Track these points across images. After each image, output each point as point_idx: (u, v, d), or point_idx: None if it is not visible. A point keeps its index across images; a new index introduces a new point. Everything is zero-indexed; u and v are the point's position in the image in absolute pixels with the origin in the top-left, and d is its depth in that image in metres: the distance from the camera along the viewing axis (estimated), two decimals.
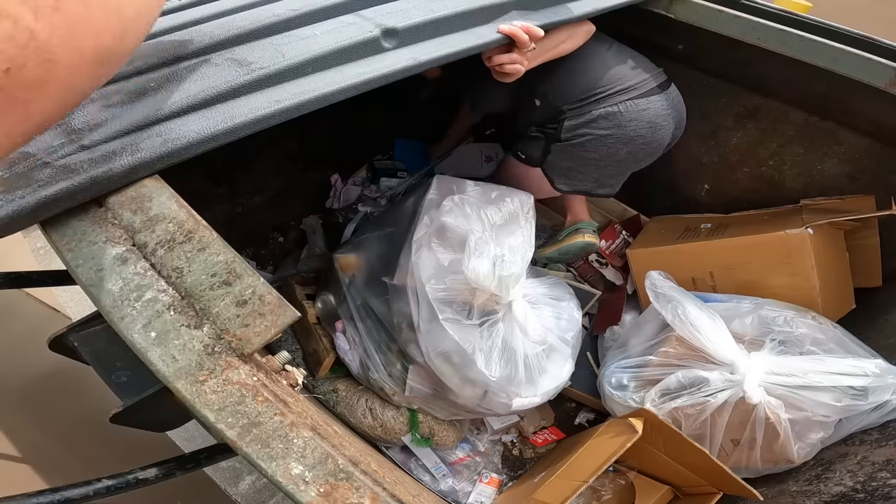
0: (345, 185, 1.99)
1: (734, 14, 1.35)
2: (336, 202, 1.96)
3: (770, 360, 1.10)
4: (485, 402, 1.20)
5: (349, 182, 2.01)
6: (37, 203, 0.63)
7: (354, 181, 2.02)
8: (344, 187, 1.98)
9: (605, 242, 1.68)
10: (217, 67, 0.82)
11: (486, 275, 1.08)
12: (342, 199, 1.96)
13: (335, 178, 1.99)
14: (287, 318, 0.59)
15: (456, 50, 0.98)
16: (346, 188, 1.98)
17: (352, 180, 2.02)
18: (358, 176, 2.06)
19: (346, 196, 1.96)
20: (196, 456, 0.76)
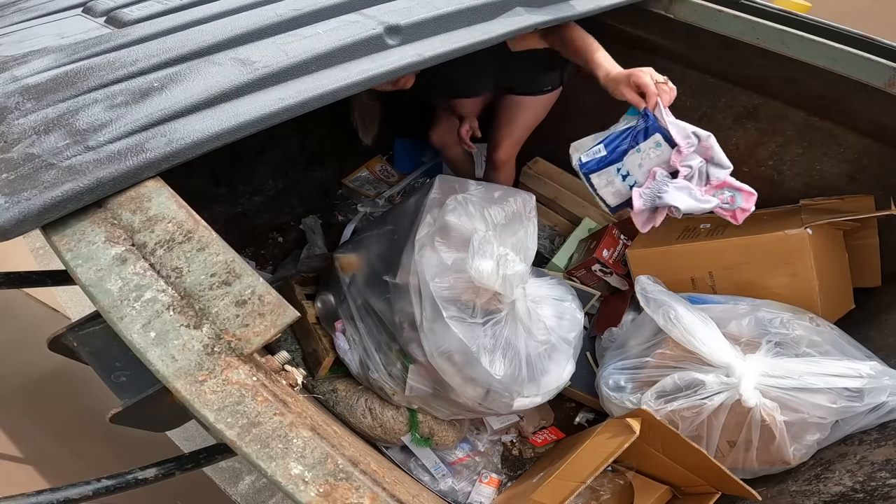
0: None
1: (734, 14, 1.35)
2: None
3: (766, 362, 1.10)
4: (486, 402, 1.20)
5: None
6: (42, 205, 0.63)
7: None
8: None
9: (608, 251, 1.67)
10: (220, 67, 0.83)
11: (490, 274, 1.08)
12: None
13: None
14: (286, 318, 0.59)
15: (460, 45, 0.98)
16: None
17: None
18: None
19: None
20: (195, 456, 0.76)
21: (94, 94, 0.77)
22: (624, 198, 1.13)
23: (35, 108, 0.75)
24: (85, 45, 0.87)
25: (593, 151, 1.12)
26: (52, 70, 0.81)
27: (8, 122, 0.73)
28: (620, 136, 1.10)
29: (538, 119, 1.68)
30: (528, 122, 1.67)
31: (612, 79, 1.11)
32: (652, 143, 1.07)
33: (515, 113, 1.65)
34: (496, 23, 1.07)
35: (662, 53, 1.54)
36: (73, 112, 0.75)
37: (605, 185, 1.13)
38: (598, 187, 1.14)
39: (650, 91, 1.04)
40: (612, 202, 1.14)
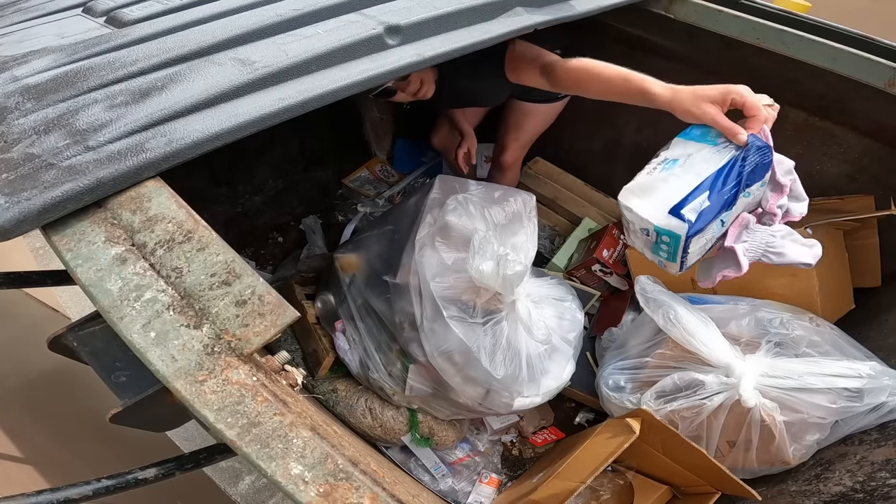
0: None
1: (733, 14, 1.35)
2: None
3: (765, 362, 1.10)
4: (486, 402, 1.20)
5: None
6: (43, 205, 0.63)
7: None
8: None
9: (608, 251, 1.67)
10: (220, 67, 0.83)
11: (491, 274, 1.08)
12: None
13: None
14: (286, 318, 0.59)
15: (461, 45, 0.98)
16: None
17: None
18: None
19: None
20: (195, 456, 0.76)
21: (94, 94, 0.77)
22: (701, 255, 0.87)
23: (35, 108, 0.75)
24: (85, 45, 0.87)
25: (696, 205, 0.79)
26: (52, 70, 0.81)
27: (8, 122, 0.73)
28: (723, 174, 0.80)
29: (546, 125, 1.68)
30: (536, 128, 1.67)
31: (686, 93, 0.86)
32: (759, 184, 0.84)
33: (523, 119, 1.64)
34: (496, 23, 1.07)
35: (662, 53, 1.54)
36: (73, 112, 0.75)
37: (697, 247, 0.83)
38: (691, 253, 0.82)
39: (759, 113, 0.81)
40: (690, 262, 0.85)
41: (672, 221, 0.80)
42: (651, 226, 0.82)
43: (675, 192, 0.81)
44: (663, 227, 0.81)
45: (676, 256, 0.83)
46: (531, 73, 1.20)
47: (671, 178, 0.83)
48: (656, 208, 0.81)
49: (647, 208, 0.82)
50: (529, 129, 1.67)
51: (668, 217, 0.80)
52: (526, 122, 1.64)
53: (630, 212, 0.84)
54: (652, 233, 0.83)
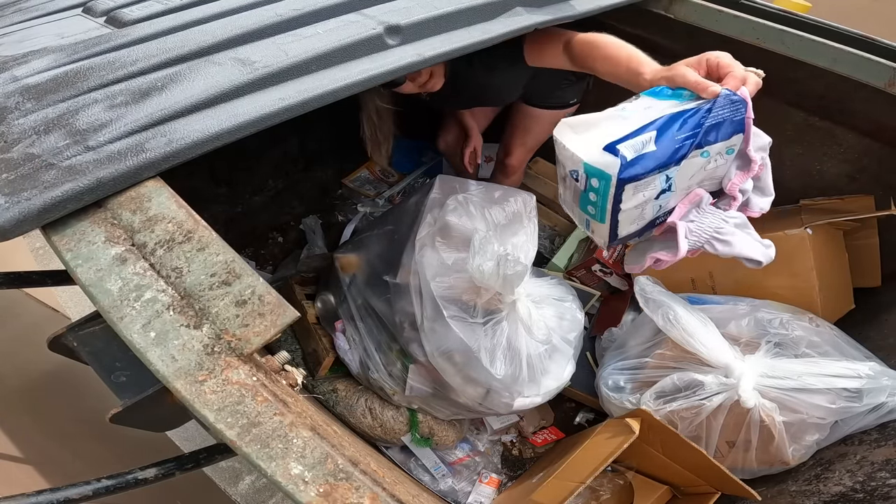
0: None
1: (734, 14, 1.35)
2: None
3: (765, 362, 1.10)
4: (486, 402, 1.20)
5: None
6: (42, 205, 0.63)
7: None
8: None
9: (608, 252, 1.68)
10: (220, 67, 0.83)
11: (491, 274, 1.08)
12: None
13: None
14: (286, 318, 0.59)
15: (461, 45, 0.98)
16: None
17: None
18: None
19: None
20: (195, 456, 0.76)
21: (94, 94, 0.77)
22: (639, 226, 0.74)
23: (35, 108, 0.75)
24: (85, 45, 0.87)
25: (637, 143, 0.66)
26: (52, 70, 0.81)
27: (8, 122, 0.73)
28: (679, 120, 0.68)
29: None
30: (543, 133, 1.66)
31: (666, 67, 0.81)
32: (724, 146, 0.71)
33: (531, 124, 1.63)
34: (496, 22, 1.07)
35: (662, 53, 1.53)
36: (73, 112, 0.75)
37: (632, 205, 0.70)
38: (623, 212, 0.70)
39: (736, 69, 0.72)
40: (623, 230, 0.72)
41: (604, 158, 0.67)
42: (580, 164, 0.69)
43: (617, 130, 0.68)
44: (593, 164, 0.67)
45: (605, 212, 0.69)
46: (554, 51, 1.16)
47: (618, 118, 0.71)
48: (591, 144, 0.69)
49: (580, 143, 0.70)
50: (536, 135, 1.66)
51: (601, 153, 0.67)
52: (533, 127, 1.63)
53: (563, 149, 0.72)
54: (581, 175, 0.70)
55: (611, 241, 0.74)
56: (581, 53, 1.06)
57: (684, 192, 0.74)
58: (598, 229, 0.73)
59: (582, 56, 1.07)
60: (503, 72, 1.34)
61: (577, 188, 0.72)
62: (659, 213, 0.74)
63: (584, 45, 1.05)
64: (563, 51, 1.13)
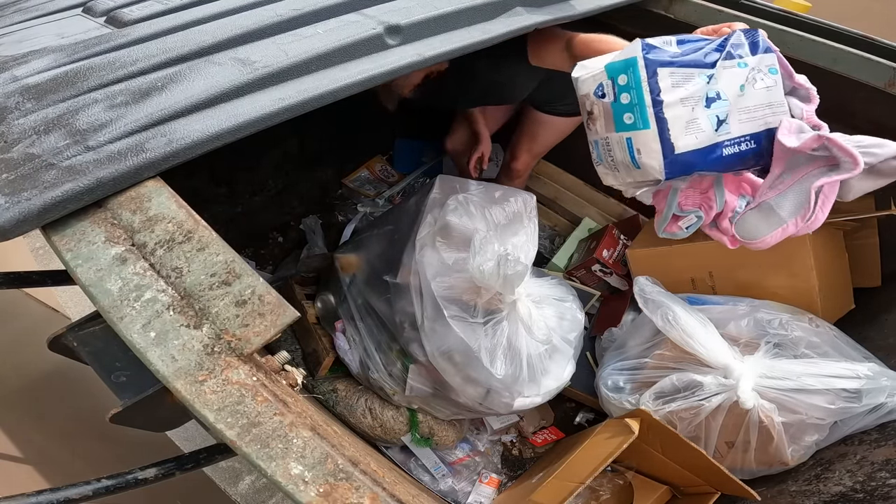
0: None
1: (733, 14, 1.35)
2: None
3: (764, 363, 1.10)
4: (486, 402, 1.20)
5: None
6: (43, 205, 0.63)
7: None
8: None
9: (608, 252, 1.67)
10: (220, 67, 0.83)
11: (492, 274, 1.08)
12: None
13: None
14: (286, 318, 0.59)
15: (461, 45, 0.98)
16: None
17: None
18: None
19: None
20: (195, 456, 0.76)
21: (94, 94, 0.77)
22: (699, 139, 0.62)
23: (35, 108, 0.75)
24: (85, 45, 0.87)
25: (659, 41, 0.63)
26: (52, 70, 0.81)
27: (8, 122, 0.73)
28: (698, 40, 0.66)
29: (561, 138, 1.66)
30: (550, 139, 1.66)
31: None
32: (764, 63, 0.67)
33: (538, 129, 1.63)
34: (496, 22, 1.07)
35: None
36: (73, 112, 0.75)
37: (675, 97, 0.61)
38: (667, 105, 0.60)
39: (734, 24, 0.73)
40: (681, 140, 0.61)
41: (624, 49, 0.63)
42: (603, 72, 0.63)
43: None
44: (615, 59, 0.63)
45: (645, 108, 0.60)
46: (555, 49, 1.16)
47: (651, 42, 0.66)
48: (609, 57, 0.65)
49: (597, 61, 0.66)
50: (543, 141, 1.66)
51: (622, 52, 0.63)
52: (541, 132, 1.63)
53: (581, 81, 0.67)
54: (606, 84, 0.63)
55: (665, 156, 0.61)
56: (584, 51, 1.05)
57: (749, 117, 0.66)
58: (645, 143, 0.61)
59: (585, 54, 1.05)
60: (509, 69, 1.33)
61: (606, 106, 0.64)
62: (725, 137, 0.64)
63: (587, 43, 1.05)
64: (565, 50, 1.13)
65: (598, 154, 0.71)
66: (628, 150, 0.65)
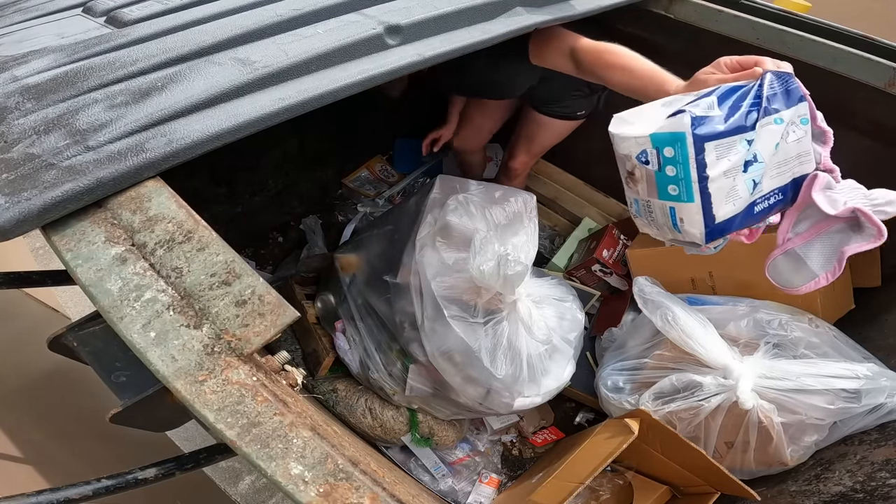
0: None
1: (733, 14, 1.35)
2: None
3: (763, 363, 1.10)
4: (486, 402, 1.20)
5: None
6: (43, 205, 0.63)
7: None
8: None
9: (608, 252, 1.67)
10: (220, 67, 0.83)
11: (492, 274, 1.08)
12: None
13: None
14: (286, 318, 0.59)
15: (461, 45, 0.98)
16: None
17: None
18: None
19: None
20: (195, 456, 0.76)
21: (94, 94, 0.77)
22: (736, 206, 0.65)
23: (35, 108, 0.75)
24: (85, 45, 0.87)
25: (701, 105, 0.62)
26: (52, 70, 0.81)
27: (8, 122, 0.73)
28: (736, 92, 0.65)
29: (559, 140, 1.66)
30: (548, 141, 1.66)
31: (687, 82, 0.83)
32: (794, 114, 0.67)
33: (536, 130, 1.63)
34: (496, 22, 1.07)
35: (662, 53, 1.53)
36: (73, 112, 0.75)
37: (719, 171, 0.62)
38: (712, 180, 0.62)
39: (759, 58, 0.72)
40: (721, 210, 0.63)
41: (671, 121, 0.61)
42: (647, 139, 0.63)
43: (675, 106, 0.64)
44: (661, 130, 0.62)
45: (691, 183, 0.61)
46: (557, 52, 1.15)
47: (669, 102, 0.67)
48: (652, 121, 0.64)
49: (639, 126, 0.65)
50: (541, 142, 1.66)
51: (665, 121, 0.62)
52: (539, 134, 1.63)
53: (620, 140, 0.66)
54: (651, 152, 0.62)
55: (707, 225, 0.63)
56: (593, 61, 1.04)
57: (778, 171, 0.67)
58: (689, 214, 0.63)
59: (593, 64, 1.04)
60: (508, 68, 1.33)
61: (649, 174, 0.64)
62: (757, 196, 0.65)
63: (597, 53, 1.03)
64: (569, 55, 1.12)
65: (637, 210, 0.72)
66: (671, 217, 0.66)
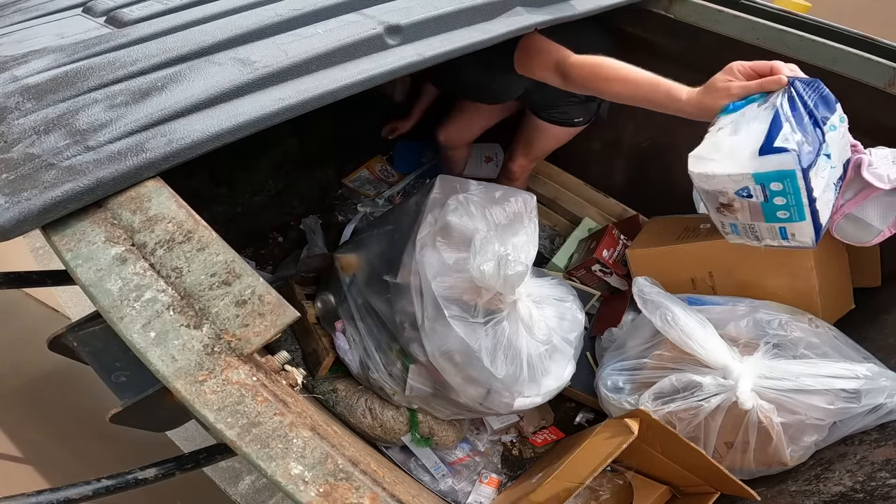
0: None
1: (734, 14, 1.35)
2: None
3: (763, 363, 1.10)
4: (487, 402, 1.20)
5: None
6: (43, 205, 0.63)
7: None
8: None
9: (608, 252, 1.67)
10: (220, 67, 0.83)
11: (492, 274, 1.08)
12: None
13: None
14: (286, 318, 0.59)
15: (461, 45, 0.98)
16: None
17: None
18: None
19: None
20: (195, 456, 0.76)
21: (94, 94, 0.77)
22: (830, 209, 0.74)
23: (35, 108, 0.75)
24: (85, 45, 0.87)
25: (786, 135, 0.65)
26: (52, 70, 0.81)
27: (8, 122, 0.73)
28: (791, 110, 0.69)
29: (559, 145, 1.66)
30: (547, 146, 1.66)
31: (699, 90, 0.84)
32: (837, 118, 0.75)
33: (534, 135, 1.63)
34: (496, 22, 1.07)
35: (662, 54, 1.54)
36: (73, 112, 0.75)
37: (820, 189, 0.69)
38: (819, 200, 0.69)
39: (774, 64, 0.76)
40: (823, 215, 0.71)
41: (772, 159, 0.65)
42: (749, 178, 0.67)
43: (752, 138, 0.67)
44: (766, 170, 0.65)
45: (803, 207, 0.67)
46: (543, 66, 1.16)
47: (738, 132, 0.69)
48: (739, 159, 0.67)
49: (732, 163, 0.67)
50: (539, 146, 1.66)
51: (762, 159, 0.65)
52: (537, 138, 1.63)
53: (713, 178, 0.69)
54: (755, 188, 0.67)
55: (817, 234, 0.72)
56: (587, 76, 1.04)
57: (839, 163, 0.76)
58: (800, 229, 0.71)
59: (586, 78, 1.05)
60: (492, 73, 1.33)
61: (754, 204, 0.70)
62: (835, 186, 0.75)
63: (591, 68, 1.04)
64: (555, 69, 1.12)
65: (734, 230, 0.78)
66: (780, 234, 0.74)
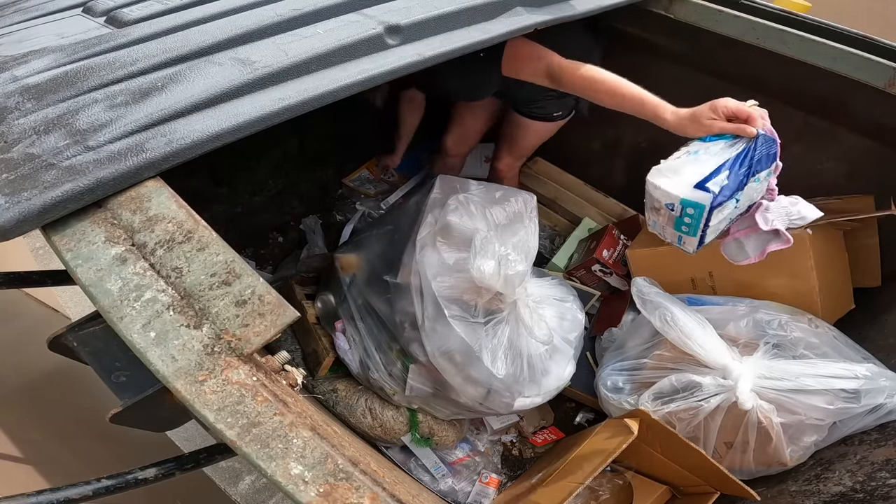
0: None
1: (734, 14, 1.35)
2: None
3: (763, 364, 1.10)
4: (487, 402, 1.20)
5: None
6: (43, 205, 0.63)
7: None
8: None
9: (608, 252, 1.67)
10: (221, 67, 0.83)
11: (492, 274, 1.08)
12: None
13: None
14: (286, 318, 0.59)
15: (461, 45, 0.98)
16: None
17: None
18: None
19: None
20: (195, 456, 0.76)
21: (94, 94, 0.77)
22: (717, 232, 0.99)
23: (35, 108, 0.75)
24: (85, 45, 0.87)
25: (719, 180, 0.91)
26: (52, 70, 0.81)
27: (8, 122, 0.73)
28: (739, 160, 0.93)
29: (541, 141, 1.66)
30: (530, 142, 1.66)
31: (686, 116, 1.00)
32: (766, 172, 0.98)
33: (516, 132, 1.63)
34: (496, 22, 1.07)
35: (662, 54, 1.54)
36: (73, 112, 0.75)
37: (716, 222, 0.94)
38: (710, 227, 0.94)
39: (752, 113, 0.95)
40: (708, 237, 0.97)
41: (698, 194, 0.91)
42: (678, 199, 0.93)
43: (698, 172, 0.92)
44: (690, 198, 0.92)
45: (697, 230, 0.95)
46: (533, 70, 1.20)
47: (695, 162, 0.94)
48: (683, 184, 0.93)
49: (674, 185, 0.94)
50: (523, 143, 1.66)
51: (693, 190, 0.92)
52: (519, 135, 1.63)
53: (658, 189, 0.95)
54: (677, 206, 0.94)
55: (698, 246, 0.99)
56: (577, 84, 1.13)
57: (745, 204, 0.99)
58: (689, 241, 0.98)
59: (575, 86, 1.14)
60: (477, 76, 1.34)
61: (671, 216, 0.96)
62: (728, 221, 0.99)
63: (584, 80, 1.12)
64: (545, 74, 1.18)
65: (653, 225, 1.04)
66: (677, 240, 1.01)
